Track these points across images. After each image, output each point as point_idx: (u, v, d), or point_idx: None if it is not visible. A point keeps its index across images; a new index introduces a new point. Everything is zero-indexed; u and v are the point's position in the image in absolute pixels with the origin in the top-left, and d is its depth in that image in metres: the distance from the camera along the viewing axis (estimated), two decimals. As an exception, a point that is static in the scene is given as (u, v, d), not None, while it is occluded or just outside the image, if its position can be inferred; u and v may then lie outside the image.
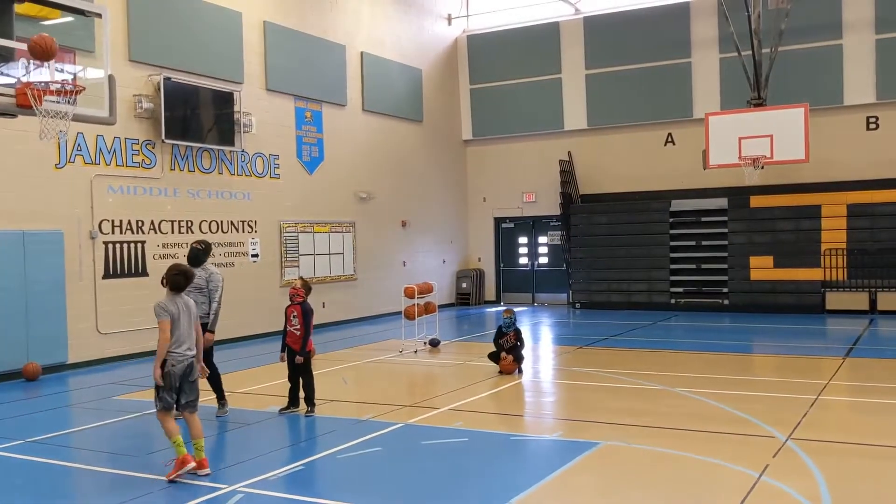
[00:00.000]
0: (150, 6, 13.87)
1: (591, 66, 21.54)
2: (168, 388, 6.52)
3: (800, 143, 15.91)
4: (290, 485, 6.39)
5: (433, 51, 22.06)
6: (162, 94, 13.76)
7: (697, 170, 18.37)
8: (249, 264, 15.85)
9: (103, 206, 13.10)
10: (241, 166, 15.72)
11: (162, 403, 6.55)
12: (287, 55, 16.84)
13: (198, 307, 8.39)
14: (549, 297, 22.77)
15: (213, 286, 8.65)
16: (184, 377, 6.59)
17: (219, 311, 8.67)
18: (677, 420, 8.27)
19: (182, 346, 6.60)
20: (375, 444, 7.47)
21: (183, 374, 6.58)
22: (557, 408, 9.58)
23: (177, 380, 6.55)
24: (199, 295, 8.50)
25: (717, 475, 6.35)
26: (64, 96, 7.64)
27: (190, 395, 6.66)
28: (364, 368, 12.26)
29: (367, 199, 19.21)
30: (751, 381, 10.76)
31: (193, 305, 6.86)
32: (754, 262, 19.22)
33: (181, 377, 6.57)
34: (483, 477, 6.47)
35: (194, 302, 8.37)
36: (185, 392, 6.63)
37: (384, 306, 19.01)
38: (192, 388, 6.69)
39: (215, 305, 8.62)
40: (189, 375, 6.64)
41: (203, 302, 8.53)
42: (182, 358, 6.58)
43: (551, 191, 21.97)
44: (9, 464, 7.18)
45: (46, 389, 11.02)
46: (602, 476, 6.51)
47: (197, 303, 8.42)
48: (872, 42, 18.53)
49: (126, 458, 7.23)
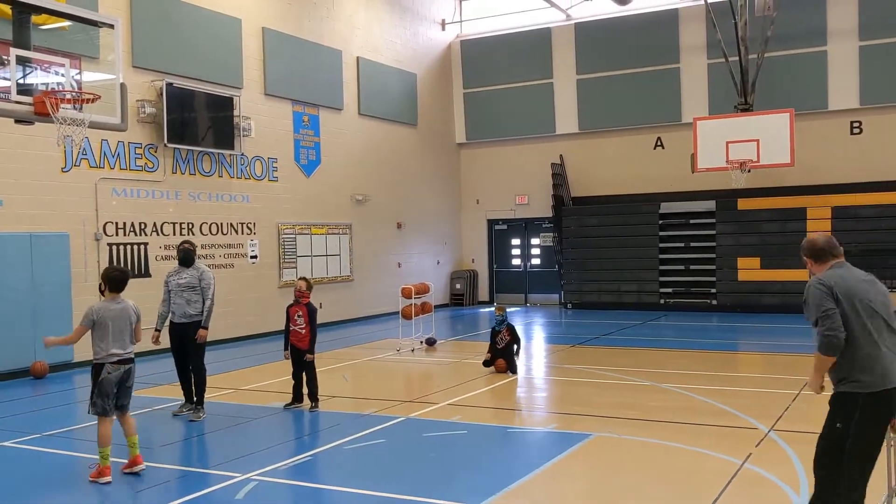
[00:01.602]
0: (152, 14, 14.20)
1: (582, 70, 21.96)
2: (104, 395, 6.58)
3: (785, 148, 16.36)
4: (301, 473, 6.75)
5: (427, 56, 22.45)
6: (164, 99, 14.09)
7: (686, 173, 18.81)
8: (248, 265, 16.19)
9: (108, 209, 13.42)
10: (241, 169, 16.05)
11: (95, 409, 6.61)
12: (285, 61, 17.19)
13: (191, 305, 8.79)
14: (541, 297, 23.18)
15: (206, 284, 8.90)
16: (120, 383, 6.66)
17: (212, 308, 8.90)
18: (665, 413, 8.67)
19: (112, 352, 6.59)
20: (378, 436, 7.84)
21: (119, 381, 6.64)
22: (550, 402, 9.96)
23: (113, 386, 6.62)
24: (192, 293, 8.81)
25: (702, 463, 6.75)
26: (79, 104, 8.00)
27: (124, 398, 6.73)
28: (363, 367, 12.62)
29: (364, 202, 19.57)
30: (737, 377, 11.19)
31: (132, 311, 6.79)
32: (742, 264, 19.68)
33: (117, 383, 6.64)
34: (483, 465, 6.84)
35: (185, 301, 8.75)
36: (120, 395, 6.69)
37: (380, 307, 19.37)
38: (127, 392, 6.75)
39: (209, 303, 8.85)
40: (126, 381, 6.70)
41: (196, 301, 8.82)
42: (117, 364, 6.60)
43: (543, 193, 22.38)
44: (24, 456, 7.51)
45: (54, 387, 11.33)
46: (594, 465, 6.90)
47: (190, 301, 8.80)
48: (856, 49, 19.01)
49: (141, 450, 7.53)
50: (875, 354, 4.50)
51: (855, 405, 4.51)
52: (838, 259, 4.77)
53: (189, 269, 8.94)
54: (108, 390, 6.59)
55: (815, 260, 4.83)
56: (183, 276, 8.91)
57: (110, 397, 6.61)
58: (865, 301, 4.57)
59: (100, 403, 6.59)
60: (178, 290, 8.86)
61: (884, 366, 4.50)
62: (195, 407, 8.90)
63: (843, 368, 4.56)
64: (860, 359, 4.51)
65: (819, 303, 4.56)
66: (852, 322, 4.52)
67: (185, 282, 8.86)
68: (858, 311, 4.54)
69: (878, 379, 4.49)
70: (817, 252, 4.82)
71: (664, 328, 17.30)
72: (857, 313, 4.53)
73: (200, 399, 8.93)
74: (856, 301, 4.55)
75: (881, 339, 4.53)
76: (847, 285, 4.59)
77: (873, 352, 4.51)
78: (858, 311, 4.54)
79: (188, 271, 8.93)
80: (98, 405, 6.59)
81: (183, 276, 8.91)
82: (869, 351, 4.50)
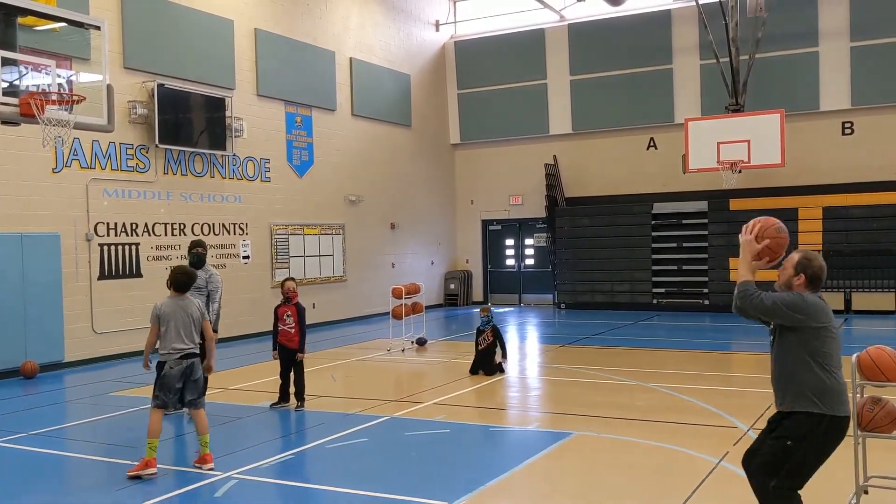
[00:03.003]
0: (143, 14, 14.26)
1: (575, 71, 22.03)
2: (166, 389, 6.76)
3: (776, 148, 16.44)
4: (281, 472, 6.81)
5: (421, 56, 22.51)
6: (156, 100, 14.14)
7: (679, 173, 18.87)
8: (241, 266, 16.25)
9: (99, 210, 13.47)
10: (233, 170, 16.11)
11: (156, 401, 6.81)
12: (277, 61, 17.25)
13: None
14: (535, 297, 23.24)
15: (213, 287, 8.96)
16: (185, 378, 6.82)
17: (219, 310, 8.98)
18: (647, 412, 8.73)
19: (173, 346, 6.77)
20: (362, 435, 7.90)
21: (182, 374, 6.80)
22: (536, 402, 10.02)
23: (176, 380, 6.77)
24: (198, 294, 8.77)
25: (678, 461, 6.81)
26: (64, 105, 8.06)
27: (192, 393, 6.88)
28: (352, 366, 12.67)
29: (357, 202, 19.63)
30: (723, 376, 11.25)
31: (195, 308, 7.01)
32: (734, 264, 19.68)
33: (180, 378, 6.79)
34: (461, 464, 6.90)
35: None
36: (188, 390, 6.86)
37: (373, 307, 19.43)
38: (195, 386, 6.90)
39: (216, 305, 8.92)
40: (191, 375, 6.84)
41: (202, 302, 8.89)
42: (178, 359, 6.77)
43: (537, 194, 22.44)
44: (12, 455, 7.57)
45: (44, 387, 11.39)
46: (571, 463, 6.96)
47: None
48: (847, 49, 19.06)
49: (123, 449, 7.60)
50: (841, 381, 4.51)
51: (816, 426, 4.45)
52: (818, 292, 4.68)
53: (198, 270, 8.90)
54: (170, 384, 6.76)
55: (810, 284, 4.59)
56: None
57: (172, 392, 6.78)
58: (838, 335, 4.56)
59: (161, 397, 6.79)
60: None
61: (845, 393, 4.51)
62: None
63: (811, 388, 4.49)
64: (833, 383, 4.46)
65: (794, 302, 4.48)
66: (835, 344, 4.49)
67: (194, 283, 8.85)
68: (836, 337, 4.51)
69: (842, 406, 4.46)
70: (819, 279, 4.62)
71: (656, 328, 17.36)
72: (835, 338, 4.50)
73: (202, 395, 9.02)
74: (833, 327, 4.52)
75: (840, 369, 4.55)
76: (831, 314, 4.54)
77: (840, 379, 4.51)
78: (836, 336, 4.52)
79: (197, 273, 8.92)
80: (160, 398, 6.79)
81: None
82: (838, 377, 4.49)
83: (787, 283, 4.68)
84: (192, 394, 6.90)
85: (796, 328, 4.51)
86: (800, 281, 4.61)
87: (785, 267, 4.71)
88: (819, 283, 4.62)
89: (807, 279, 4.59)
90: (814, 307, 4.49)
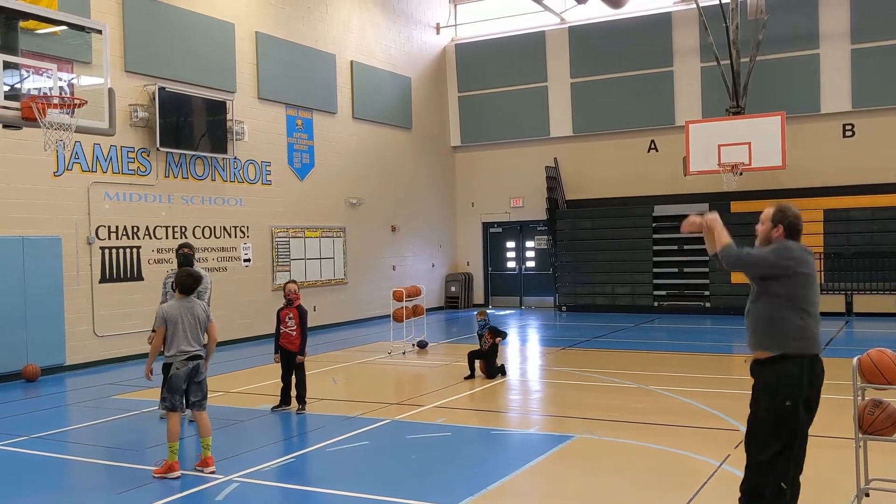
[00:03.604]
0: (145, 18, 14.28)
1: (576, 74, 22.05)
2: (173, 390, 6.82)
3: (777, 151, 16.47)
4: (282, 475, 6.81)
5: (422, 59, 22.53)
6: (157, 103, 14.16)
7: (680, 176, 18.88)
8: (242, 269, 16.26)
9: (100, 213, 13.49)
10: (234, 173, 16.13)
11: (164, 404, 6.90)
12: (278, 64, 17.27)
13: None
14: (536, 300, 23.24)
15: (202, 288, 8.90)
16: (189, 379, 6.87)
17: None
18: (648, 415, 8.71)
19: (180, 348, 6.83)
20: (363, 438, 7.90)
21: (188, 376, 6.85)
22: (537, 405, 10.02)
23: (182, 381, 6.84)
24: None
25: (679, 464, 6.81)
26: (66, 109, 8.07)
27: (196, 394, 6.94)
28: (353, 369, 12.68)
29: (358, 205, 19.65)
30: (724, 379, 11.23)
31: (201, 309, 7.07)
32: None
33: (186, 379, 6.85)
34: (462, 467, 6.90)
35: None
36: (192, 392, 6.93)
37: (374, 310, 19.43)
38: (199, 388, 6.95)
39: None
40: (195, 377, 6.90)
41: None
42: (184, 361, 6.83)
43: (538, 196, 22.45)
44: (14, 458, 7.58)
45: (45, 390, 11.39)
46: (573, 466, 6.96)
47: None
48: (848, 51, 19.08)
49: (124, 452, 7.62)
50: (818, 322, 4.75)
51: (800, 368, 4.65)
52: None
53: None
54: (177, 385, 6.83)
55: (789, 234, 4.71)
56: None
57: (179, 393, 6.85)
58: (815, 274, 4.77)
59: (169, 399, 6.83)
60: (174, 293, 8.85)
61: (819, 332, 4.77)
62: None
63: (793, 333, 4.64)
64: (813, 326, 4.68)
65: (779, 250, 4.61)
66: (816, 289, 4.68)
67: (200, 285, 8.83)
68: (816, 283, 4.71)
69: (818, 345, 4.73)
70: (796, 227, 4.74)
71: (657, 331, 17.36)
72: (815, 283, 4.69)
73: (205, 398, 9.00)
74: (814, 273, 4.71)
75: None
76: (811, 258, 4.74)
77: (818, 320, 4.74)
78: (816, 282, 4.71)
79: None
80: (168, 400, 6.84)
81: None
82: (817, 319, 4.72)
83: (766, 236, 4.80)
84: (195, 395, 6.95)
85: (779, 277, 4.60)
86: (778, 232, 4.73)
87: (762, 221, 4.83)
88: (797, 231, 4.74)
89: (784, 229, 4.71)
90: (800, 253, 4.64)
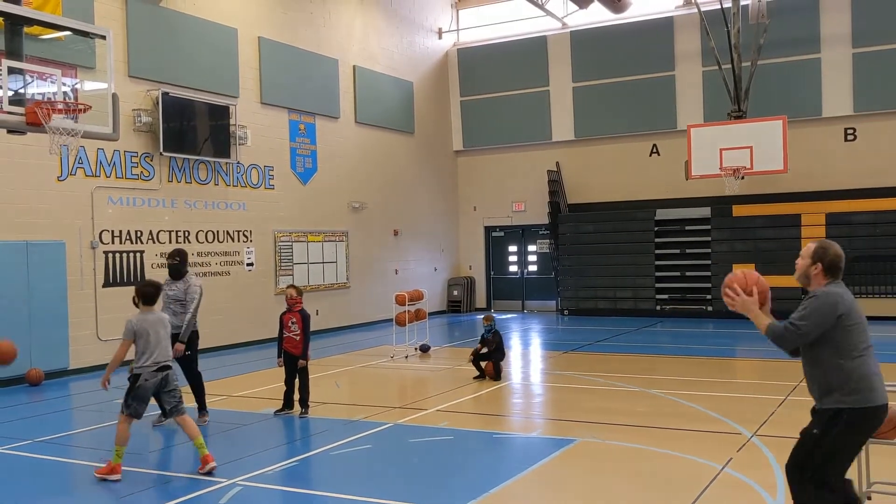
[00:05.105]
0: (148, 23, 14.34)
1: (577, 78, 22.09)
2: (139, 399, 6.86)
3: (779, 154, 16.44)
4: (285, 479, 6.84)
5: (424, 64, 22.58)
6: (160, 108, 14.21)
7: (682, 180, 18.86)
8: (245, 273, 16.29)
9: (103, 217, 13.53)
10: (237, 177, 16.17)
11: (128, 409, 6.87)
12: (281, 69, 17.32)
13: (178, 317, 8.64)
14: (538, 304, 23.25)
15: (190, 297, 8.78)
16: (159, 389, 6.95)
17: (192, 321, 8.74)
18: (651, 419, 8.74)
19: (152, 360, 6.88)
20: (366, 441, 7.92)
21: (157, 387, 6.93)
22: (539, 408, 10.04)
23: (149, 392, 6.91)
24: (178, 306, 8.73)
25: (682, 468, 6.82)
26: (70, 114, 8.12)
27: (170, 401, 7.02)
28: (356, 373, 12.70)
29: (360, 209, 19.68)
30: (726, 382, 11.26)
31: (167, 320, 7.18)
32: (737, 270, 19.68)
33: (154, 390, 6.93)
34: (465, 470, 6.92)
35: (172, 313, 8.59)
36: (165, 401, 7.02)
37: (376, 313, 19.46)
38: (171, 395, 7.01)
39: (188, 317, 8.70)
40: (165, 387, 6.98)
41: (184, 313, 8.73)
42: (154, 372, 6.88)
43: (540, 200, 22.47)
44: (18, 461, 7.61)
45: (49, 394, 11.43)
46: (575, 469, 6.98)
47: (177, 313, 8.67)
48: (850, 56, 19.09)
49: (128, 457, 7.59)
50: (866, 366, 4.49)
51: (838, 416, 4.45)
52: (839, 280, 4.62)
53: (178, 281, 8.89)
54: (144, 395, 6.88)
55: (828, 273, 4.54)
56: (171, 289, 8.85)
57: (146, 402, 6.91)
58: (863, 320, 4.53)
59: (134, 406, 6.88)
60: (166, 301, 8.79)
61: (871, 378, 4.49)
62: (200, 412, 8.98)
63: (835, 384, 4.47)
64: (855, 371, 4.44)
65: (824, 310, 4.41)
66: (858, 331, 4.47)
67: (172, 294, 8.81)
68: (858, 323, 4.48)
69: (868, 394, 4.46)
70: (837, 267, 4.54)
71: (659, 334, 17.37)
72: (857, 325, 4.47)
73: (202, 403, 9.03)
74: (858, 316, 4.50)
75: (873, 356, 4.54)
76: (853, 301, 4.53)
77: (867, 364, 4.48)
78: (858, 323, 4.48)
79: (177, 284, 8.88)
80: (132, 407, 6.87)
81: (172, 288, 8.87)
82: (863, 363, 4.46)
83: (804, 273, 4.65)
84: (170, 402, 7.03)
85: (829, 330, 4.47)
86: (817, 270, 4.56)
87: (802, 256, 4.65)
88: (837, 270, 4.55)
89: (824, 268, 4.54)
90: (840, 301, 4.43)
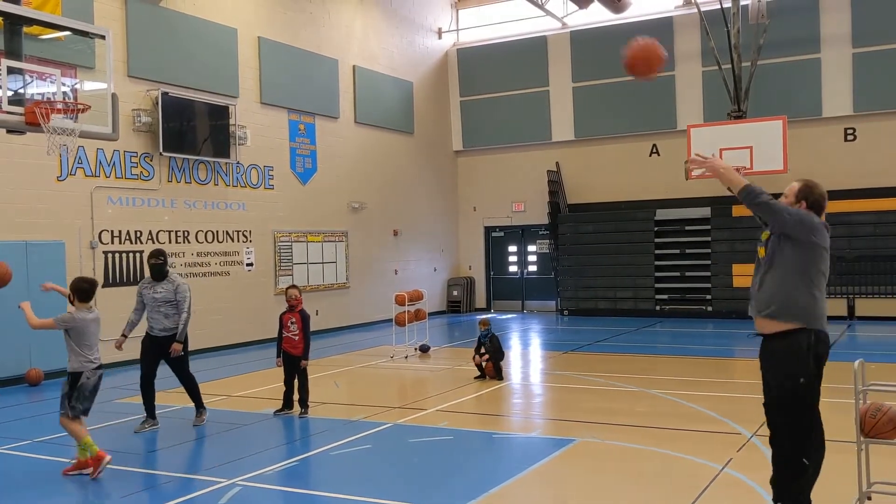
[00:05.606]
0: (147, 23, 14.33)
1: (577, 78, 22.09)
2: (83, 398, 6.92)
3: (779, 155, 16.42)
4: (285, 479, 6.83)
5: (424, 64, 22.58)
6: (160, 108, 14.21)
7: (681, 180, 18.87)
8: (244, 273, 16.29)
9: (103, 217, 13.53)
10: (237, 178, 16.17)
11: (75, 412, 6.91)
12: (281, 69, 17.32)
13: (169, 319, 8.61)
14: (538, 304, 23.25)
15: (182, 297, 8.68)
16: (94, 388, 7.03)
17: (188, 320, 8.70)
18: (651, 419, 8.73)
19: (92, 357, 6.99)
20: (365, 441, 7.91)
21: (94, 387, 7.02)
22: (539, 408, 10.03)
23: (90, 390, 6.97)
24: (169, 308, 8.63)
25: (682, 467, 6.81)
26: (69, 114, 8.11)
27: (88, 403, 7.05)
28: (356, 373, 12.70)
29: (360, 209, 19.68)
30: (726, 383, 11.26)
31: (99, 318, 7.21)
32: (737, 270, 19.72)
33: (91, 389, 6.99)
34: (465, 470, 6.91)
35: (163, 315, 8.60)
36: (79, 401, 7.00)
37: (376, 314, 19.46)
38: (88, 400, 7.06)
39: (185, 315, 8.65)
40: (97, 386, 7.08)
41: (174, 314, 8.64)
42: (94, 370, 6.99)
43: (540, 200, 22.48)
44: (17, 462, 7.60)
45: (49, 394, 11.40)
46: (574, 469, 6.97)
47: (168, 315, 8.62)
48: (850, 56, 19.10)
49: (127, 456, 7.63)
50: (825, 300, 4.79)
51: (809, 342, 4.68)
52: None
53: (163, 282, 8.74)
54: (87, 394, 6.94)
55: (812, 211, 4.75)
56: (158, 291, 8.70)
57: (91, 400, 6.99)
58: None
59: (79, 407, 6.93)
60: (154, 304, 8.67)
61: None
62: (198, 411, 8.97)
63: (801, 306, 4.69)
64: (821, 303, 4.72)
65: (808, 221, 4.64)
66: (827, 267, 4.71)
67: (160, 296, 8.66)
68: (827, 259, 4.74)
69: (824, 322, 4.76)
70: (820, 206, 4.76)
71: (659, 334, 17.36)
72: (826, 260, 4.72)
73: (200, 402, 8.99)
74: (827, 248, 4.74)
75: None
76: (826, 232, 4.76)
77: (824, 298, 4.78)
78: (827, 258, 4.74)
79: (162, 285, 8.72)
80: (78, 409, 6.93)
81: (158, 290, 8.71)
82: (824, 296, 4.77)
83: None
84: (87, 403, 7.06)
85: (799, 242, 4.61)
86: (801, 208, 4.74)
87: (786, 194, 4.82)
88: (821, 210, 4.74)
89: (808, 206, 4.72)
90: (822, 228, 4.65)
